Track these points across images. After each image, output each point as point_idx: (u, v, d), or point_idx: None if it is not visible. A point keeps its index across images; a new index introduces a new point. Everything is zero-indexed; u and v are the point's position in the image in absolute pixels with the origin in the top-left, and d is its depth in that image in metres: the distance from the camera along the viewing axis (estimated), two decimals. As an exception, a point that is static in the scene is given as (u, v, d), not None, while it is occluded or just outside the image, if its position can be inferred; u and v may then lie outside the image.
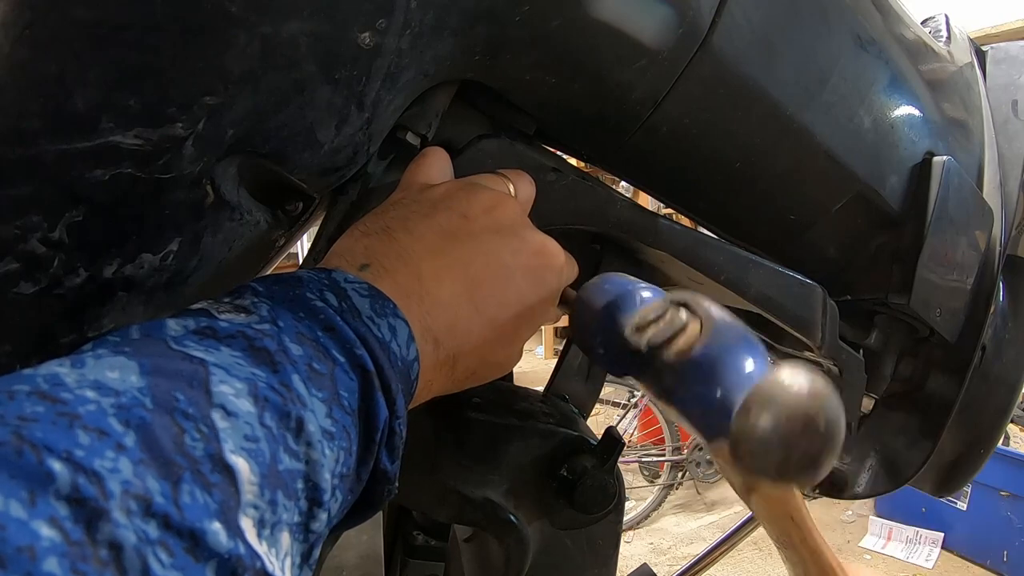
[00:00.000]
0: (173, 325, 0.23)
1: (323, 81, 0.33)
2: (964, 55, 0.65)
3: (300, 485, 0.22)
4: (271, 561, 0.20)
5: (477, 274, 0.32)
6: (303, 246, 0.57)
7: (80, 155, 0.29)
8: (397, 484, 0.28)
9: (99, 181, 0.30)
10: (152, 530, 0.17)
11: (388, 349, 0.27)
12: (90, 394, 0.18)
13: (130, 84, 0.29)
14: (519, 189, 0.39)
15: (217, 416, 0.20)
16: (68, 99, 0.28)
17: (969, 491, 2.76)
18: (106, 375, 0.19)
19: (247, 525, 0.19)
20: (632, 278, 0.34)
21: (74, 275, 0.31)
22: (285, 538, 0.21)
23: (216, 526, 0.18)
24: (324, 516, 0.23)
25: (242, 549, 0.19)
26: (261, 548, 0.20)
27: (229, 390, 0.21)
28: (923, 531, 2.89)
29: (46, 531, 0.15)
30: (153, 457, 0.18)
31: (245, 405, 0.21)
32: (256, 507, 0.20)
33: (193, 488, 0.18)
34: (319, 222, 0.41)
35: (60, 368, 0.19)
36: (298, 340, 0.24)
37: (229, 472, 0.19)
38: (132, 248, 0.32)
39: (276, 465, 0.21)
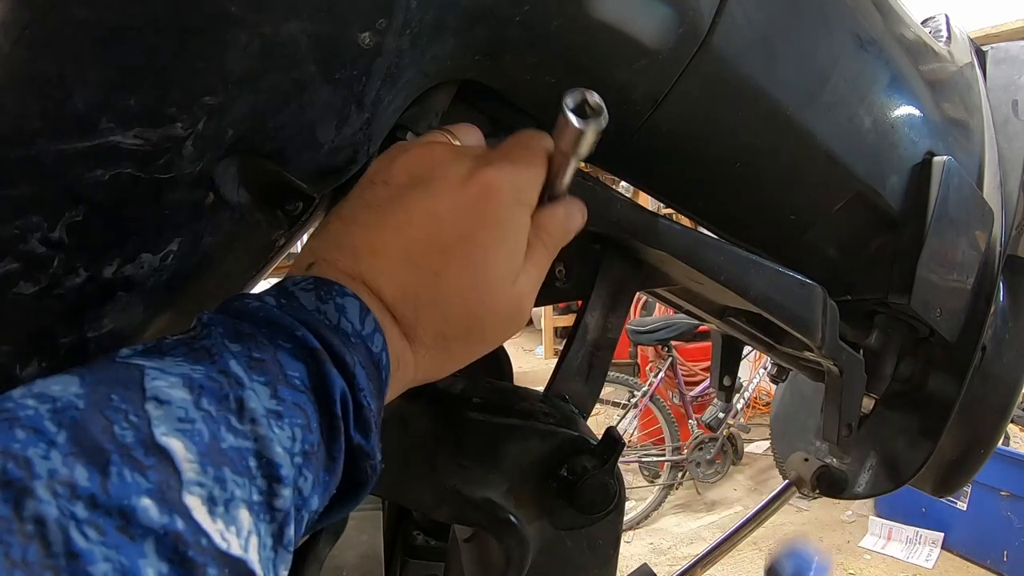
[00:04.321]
0: (124, 350, 0.24)
1: (323, 81, 0.33)
2: (964, 55, 0.65)
3: (252, 462, 0.22)
4: (225, 538, 0.20)
5: (409, 234, 0.31)
6: (303, 246, 0.57)
7: (80, 155, 0.29)
8: (380, 460, 0.28)
9: (99, 181, 0.30)
10: (80, 510, 0.18)
11: (337, 329, 0.27)
12: (30, 402, 0.20)
13: (130, 84, 0.29)
14: (463, 138, 0.37)
15: (150, 406, 0.21)
16: (68, 99, 0.28)
17: (969, 491, 2.76)
18: (50, 388, 0.21)
19: (194, 503, 0.20)
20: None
21: (74, 275, 0.31)
22: (244, 515, 0.21)
23: (146, 502, 0.19)
24: (287, 493, 0.23)
25: (180, 524, 0.19)
26: (214, 525, 0.20)
27: (163, 383, 0.22)
28: (923, 531, 2.89)
29: None
30: (83, 449, 0.19)
31: (179, 393, 0.22)
32: (201, 484, 0.20)
33: (122, 470, 0.19)
34: (319, 222, 0.41)
35: (14, 390, 0.21)
36: (236, 338, 0.25)
37: (163, 453, 0.20)
38: (132, 248, 0.32)
39: (218, 443, 0.21)
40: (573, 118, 0.30)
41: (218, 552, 0.20)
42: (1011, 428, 2.70)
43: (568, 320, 5.55)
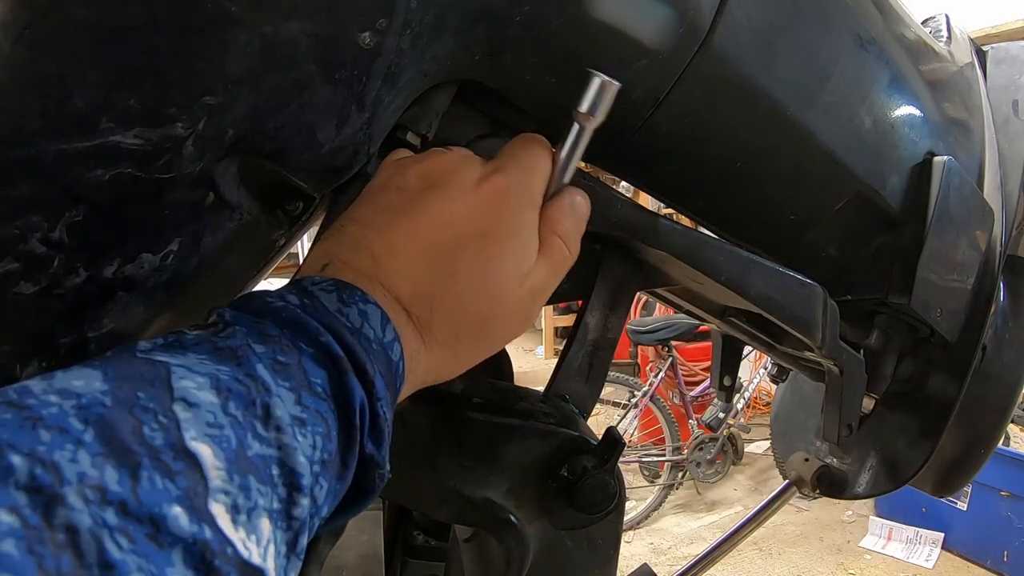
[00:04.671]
0: (143, 343, 0.23)
1: (323, 81, 0.33)
2: (964, 55, 0.65)
3: (275, 471, 0.22)
4: (247, 547, 0.20)
5: (426, 235, 0.32)
6: (303, 246, 0.57)
7: (80, 155, 0.29)
8: (388, 470, 0.28)
9: (99, 181, 0.30)
10: (111, 516, 0.17)
11: (360, 333, 0.27)
12: (53, 399, 0.19)
13: (130, 84, 0.29)
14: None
15: (179, 408, 0.21)
16: (68, 99, 0.28)
17: (969, 491, 2.76)
18: (72, 383, 0.20)
19: (219, 511, 0.20)
20: None
21: (74, 275, 0.31)
22: (265, 524, 0.21)
23: (177, 510, 0.18)
24: (306, 502, 0.23)
25: (208, 533, 0.19)
26: (237, 534, 0.20)
27: (191, 384, 0.21)
28: (923, 531, 2.89)
29: (5, 517, 0.16)
30: (112, 450, 0.18)
31: (207, 396, 0.21)
32: (227, 492, 0.20)
33: (153, 475, 0.19)
34: (319, 222, 0.41)
35: (31, 382, 0.20)
36: (261, 339, 0.25)
37: (191, 458, 0.20)
38: (132, 248, 0.32)
39: (244, 451, 0.21)
40: (598, 75, 0.35)
41: (241, 561, 0.20)
42: (1011, 428, 2.71)
43: (568, 320, 5.55)
